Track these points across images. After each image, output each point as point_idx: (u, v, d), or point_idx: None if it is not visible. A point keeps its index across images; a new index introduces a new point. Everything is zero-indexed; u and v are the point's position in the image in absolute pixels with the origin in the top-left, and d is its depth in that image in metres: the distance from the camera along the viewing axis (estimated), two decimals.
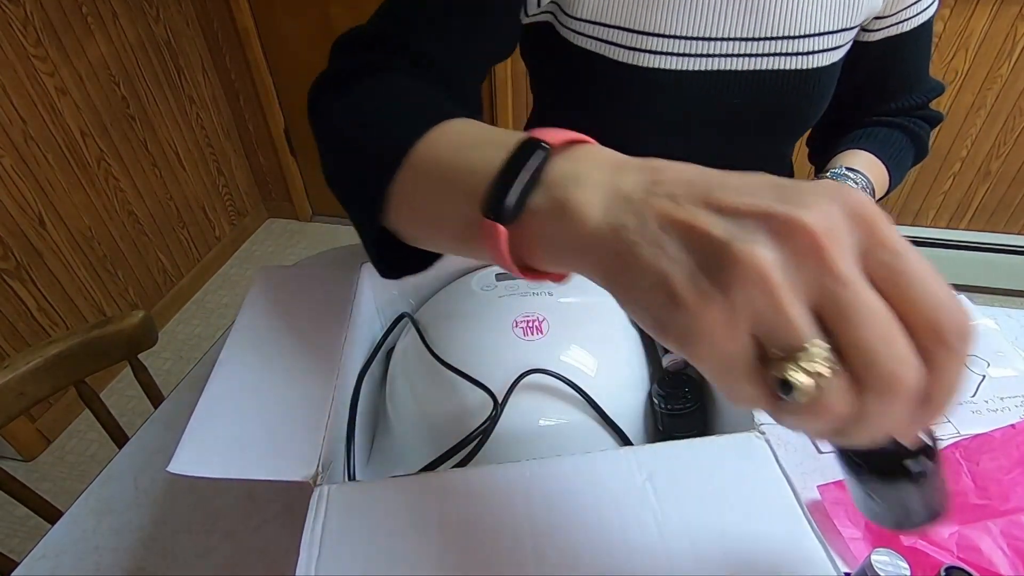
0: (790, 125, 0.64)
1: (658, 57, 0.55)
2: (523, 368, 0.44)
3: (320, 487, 0.34)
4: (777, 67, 0.57)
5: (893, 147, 0.66)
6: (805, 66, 0.58)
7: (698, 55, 0.56)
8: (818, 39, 0.57)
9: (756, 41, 0.56)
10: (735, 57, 0.56)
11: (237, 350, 0.44)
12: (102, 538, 0.49)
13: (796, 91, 0.59)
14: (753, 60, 0.57)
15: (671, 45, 0.55)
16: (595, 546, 0.31)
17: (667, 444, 0.36)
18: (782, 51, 0.57)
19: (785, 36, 0.56)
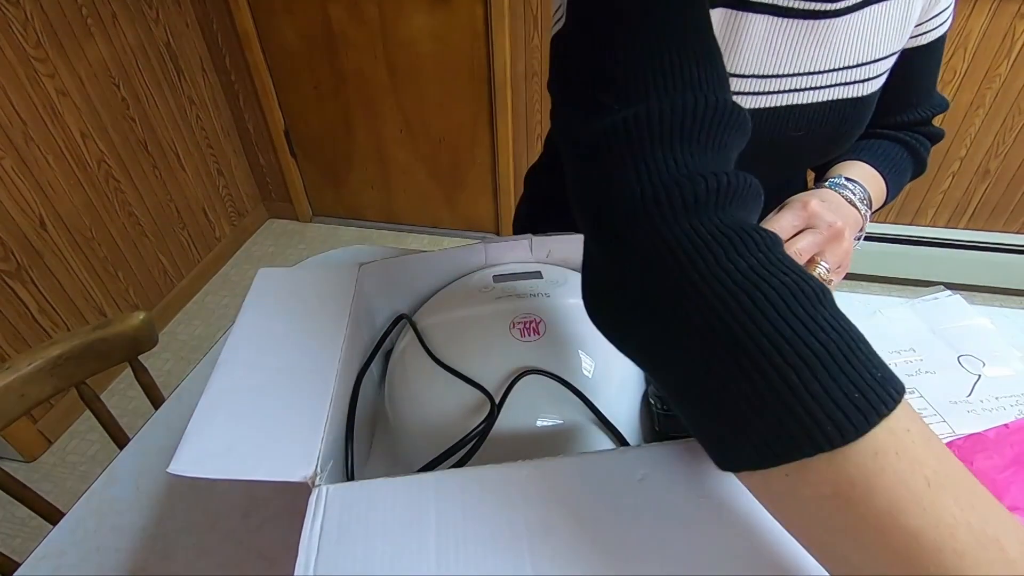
0: (838, 149, 0.64)
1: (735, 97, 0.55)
2: (520, 369, 0.45)
3: (319, 487, 0.35)
4: (838, 97, 0.58)
5: (893, 161, 0.67)
6: (862, 93, 0.58)
7: (768, 92, 0.56)
8: (874, 65, 0.57)
9: (821, 74, 0.56)
10: (801, 91, 0.56)
11: (237, 351, 0.44)
12: (103, 538, 0.49)
13: (851, 118, 0.59)
14: (817, 93, 0.57)
15: (746, 85, 0.55)
16: (591, 546, 0.31)
17: (663, 444, 0.36)
18: (844, 81, 0.57)
19: (847, 66, 0.56)
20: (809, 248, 0.53)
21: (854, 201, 0.59)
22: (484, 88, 1.97)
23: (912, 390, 0.58)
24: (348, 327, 0.47)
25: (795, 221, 0.54)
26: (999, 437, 0.44)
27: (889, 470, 0.24)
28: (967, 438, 0.44)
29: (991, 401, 0.56)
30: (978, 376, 0.59)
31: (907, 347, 0.62)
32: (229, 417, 0.39)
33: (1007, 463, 0.43)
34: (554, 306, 0.49)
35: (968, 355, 0.61)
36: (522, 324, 0.48)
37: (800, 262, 0.54)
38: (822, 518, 0.26)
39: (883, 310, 0.66)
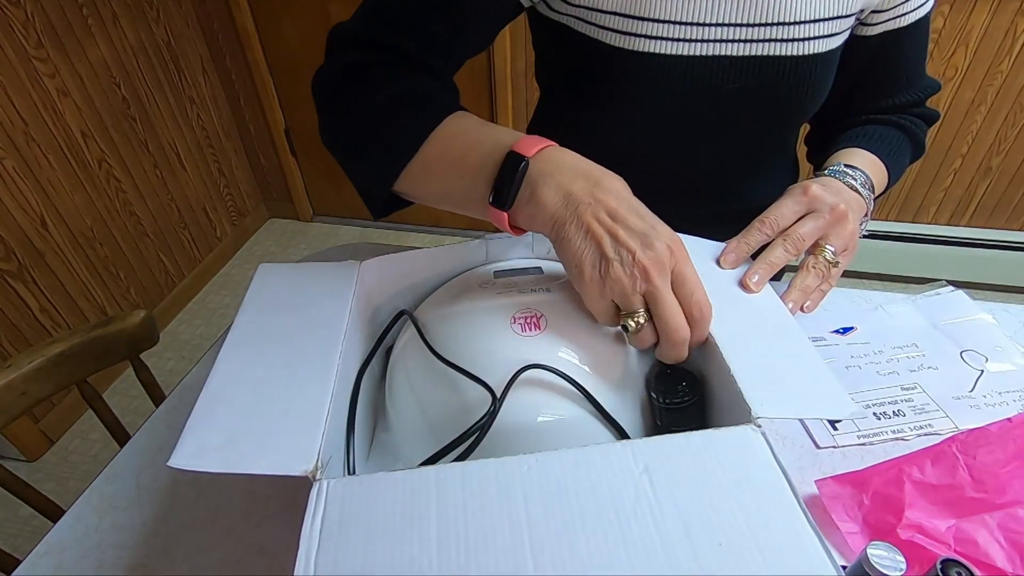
0: (786, 113, 0.64)
1: (651, 42, 0.56)
2: (521, 364, 0.44)
3: (319, 481, 0.35)
4: (771, 53, 0.57)
5: (891, 145, 0.67)
6: (800, 52, 0.58)
7: (692, 40, 0.56)
8: (813, 26, 0.57)
9: (751, 27, 0.56)
10: (729, 43, 0.57)
11: (237, 346, 0.44)
12: (104, 535, 0.49)
13: (791, 78, 0.59)
14: (747, 45, 0.57)
15: (664, 30, 0.55)
16: (592, 537, 0.31)
17: (664, 437, 0.36)
18: (777, 37, 0.57)
19: (780, 22, 0.56)
20: (812, 232, 0.53)
21: (856, 186, 0.59)
22: (484, 86, 1.96)
23: (914, 385, 0.57)
24: (349, 323, 0.47)
25: (796, 207, 0.55)
26: (1002, 431, 0.44)
27: None
28: (969, 432, 0.44)
29: (994, 396, 0.56)
30: (981, 371, 0.59)
31: (910, 343, 0.62)
32: (229, 411, 0.39)
33: (1009, 457, 0.43)
34: (555, 301, 0.49)
35: (971, 351, 0.61)
36: (523, 319, 0.47)
37: (805, 247, 0.54)
38: None
39: (885, 306, 0.66)
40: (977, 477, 0.43)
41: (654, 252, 0.40)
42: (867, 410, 0.55)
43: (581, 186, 0.42)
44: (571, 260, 0.42)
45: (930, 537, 0.42)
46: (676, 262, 0.41)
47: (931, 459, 0.44)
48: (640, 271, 0.40)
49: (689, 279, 0.41)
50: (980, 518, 0.43)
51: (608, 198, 0.41)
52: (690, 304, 0.41)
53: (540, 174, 0.43)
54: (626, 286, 0.40)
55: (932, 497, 0.44)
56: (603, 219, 0.41)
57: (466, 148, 0.47)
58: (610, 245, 0.40)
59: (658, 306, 0.41)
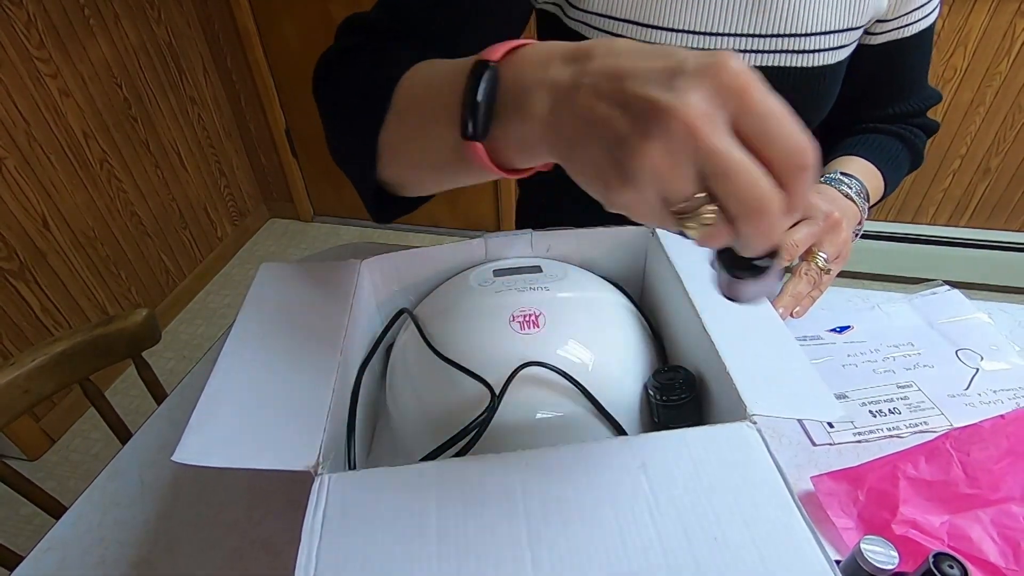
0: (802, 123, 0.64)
1: None
2: (520, 361, 0.45)
3: (321, 476, 0.35)
4: (782, 64, 0.58)
5: (889, 155, 0.67)
6: (810, 64, 0.58)
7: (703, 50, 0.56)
8: (823, 38, 0.57)
9: (761, 38, 0.57)
10: (740, 53, 0.57)
11: (239, 344, 0.45)
12: (107, 531, 0.50)
13: (800, 89, 0.60)
14: (758, 56, 0.57)
15: (676, 39, 0.56)
16: (589, 532, 0.32)
17: (661, 434, 0.37)
18: (787, 48, 0.57)
19: (790, 34, 0.56)
20: (806, 239, 0.54)
21: (851, 195, 0.60)
22: None
23: (910, 383, 0.58)
24: (349, 321, 0.47)
25: None
26: (995, 428, 0.44)
27: None
28: (963, 429, 0.45)
29: (989, 395, 0.57)
30: (976, 370, 0.59)
31: (905, 341, 0.63)
32: (232, 408, 0.39)
33: (1003, 454, 0.44)
34: (554, 299, 0.50)
35: (966, 349, 0.61)
36: (522, 317, 0.48)
37: (798, 253, 0.54)
38: None
39: (882, 305, 0.67)
40: (971, 473, 0.44)
41: (687, 91, 0.24)
42: (863, 408, 0.56)
43: (566, 69, 0.28)
44: (586, 174, 0.28)
45: (924, 532, 0.43)
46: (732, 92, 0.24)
47: (925, 456, 0.45)
48: (681, 131, 0.24)
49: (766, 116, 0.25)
50: (974, 514, 0.43)
51: (604, 60, 0.27)
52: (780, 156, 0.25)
53: (517, 79, 0.30)
54: (664, 169, 0.24)
55: (926, 493, 0.44)
56: (605, 89, 0.26)
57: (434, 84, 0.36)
58: (627, 119, 0.25)
59: (724, 180, 0.24)
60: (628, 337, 0.51)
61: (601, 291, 0.54)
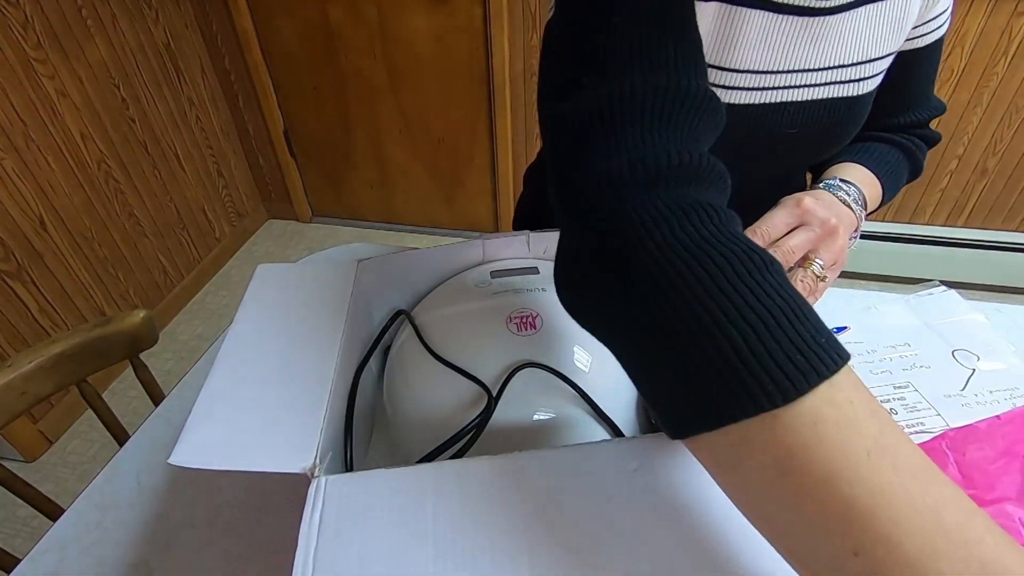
0: (831, 146, 0.65)
1: (730, 92, 0.56)
2: (517, 362, 0.45)
3: (318, 478, 0.35)
4: (832, 95, 0.58)
5: (889, 164, 0.67)
6: (857, 92, 0.59)
7: (764, 88, 0.56)
8: (870, 65, 0.58)
9: (817, 71, 0.57)
10: (797, 88, 0.57)
11: (237, 345, 0.45)
12: (105, 532, 0.50)
13: (845, 116, 0.60)
14: (812, 90, 0.58)
15: (743, 80, 0.55)
16: (586, 534, 0.32)
17: (657, 435, 0.37)
18: (838, 79, 0.58)
19: (842, 64, 0.57)
20: (802, 245, 0.54)
21: (848, 202, 0.59)
22: (483, 88, 1.97)
23: (906, 384, 0.58)
24: (346, 323, 0.47)
25: (788, 219, 0.54)
26: (991, 428, 0.44)
27: (828, 439, 0.24)
28: (959, 429, 0.45)
29: (985, 395, 0.57)
30: (972, 370, 0.59)
31: (902, 342, 0.63)
32: (229, 410, 0.39)
33: (998, 454, 0.44)
34: (550, 301, 0.50)
35: (962, 350, 0.61)
36: (519, 319, 0.48)
37: (794, 259, 0.54)
38: (764, 488, 0.26)
39: (878, 305, 0.67)
40: (966, 474, 0.44)
41: None
42: None
43: None
44: None
45: None
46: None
47: None
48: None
49: None
50: None
51: None
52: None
53: None
54: None
55: None
56: None
57: None
58: None
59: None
60: None
61: None
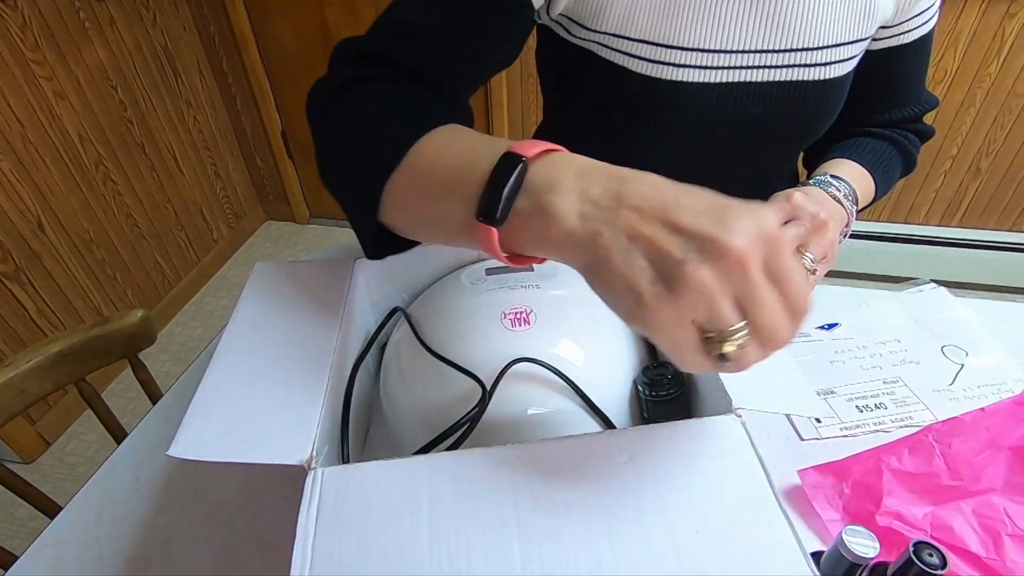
0: (804, 134, 0.65)
1: (680, 70, 0.56)
2: (511, 358, 0.46)
3: (315, 470, 0.36)
4: (795, 78, 0.59)
5: (881, 158, 0.67)
6: (822, 77, 0.59)
7: (719, 67, 0.57)
8: (835, 50, 0.58)
9: (775, 53, 0.57)
10: (755, 69, 0.58)
11: (235, 341, 0.45)
12: (104, 528, 0.50)
13: (812, 101, 0.60)
14: (772, 72, 0.58)
15: (693, 58, 0.56)
16: (576, 522, 0.32)
17: (648, 427, 0.37)
18: (800, 63, 0.58)
19: (803, 48, 0.57)
20: (792, 240, 0.53)
21: (839, 197, 0.60)
22: (480, 91, 1.98)
23: (896, 379, 0.59)
24: (343, 319, 0.48)
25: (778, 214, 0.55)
26: (975, 421, 0.45)
27: None
28: (945, 422, 0.46)
29: (973, 390, 0.58)
30: (961, 366, 0.60)
31: (892, 338, 0.64)
32: (227, 403, 0.40)
33: (983, 446, 0.45)
34: (544, 297, 0.51)
35: (951, 345, 0.62)
36: (513, 315, 0.49)
37: None
38: None
39: (869, 302, 0.68)
40: (952, 465, 0.45)
41: (743, 232, 0.27)
42: (850, 403, 0.57)
43: (605, 186, 0.30)
44: (616, 284, 0.29)
45: (908, 524, 0.44)
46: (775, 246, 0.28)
47: (908, 448, 0.46)
48: (732, 263, 0.27)
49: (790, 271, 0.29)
50: (956, 505, 0.44)
51: (646, 189, 0.30)
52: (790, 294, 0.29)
53: (547, 180, 0.32)
54: (713, 292, 0.27)
55: (910, 485, 0.45)
56: (650, 214, 0.29)
57: (455, 158, 0.37)
58: (674, 243, 0.28)
59: (758, 309, 0.28)
60: (618, 335, 0.51)
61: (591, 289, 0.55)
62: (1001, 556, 0.42)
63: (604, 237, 0.29)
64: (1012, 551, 0.42)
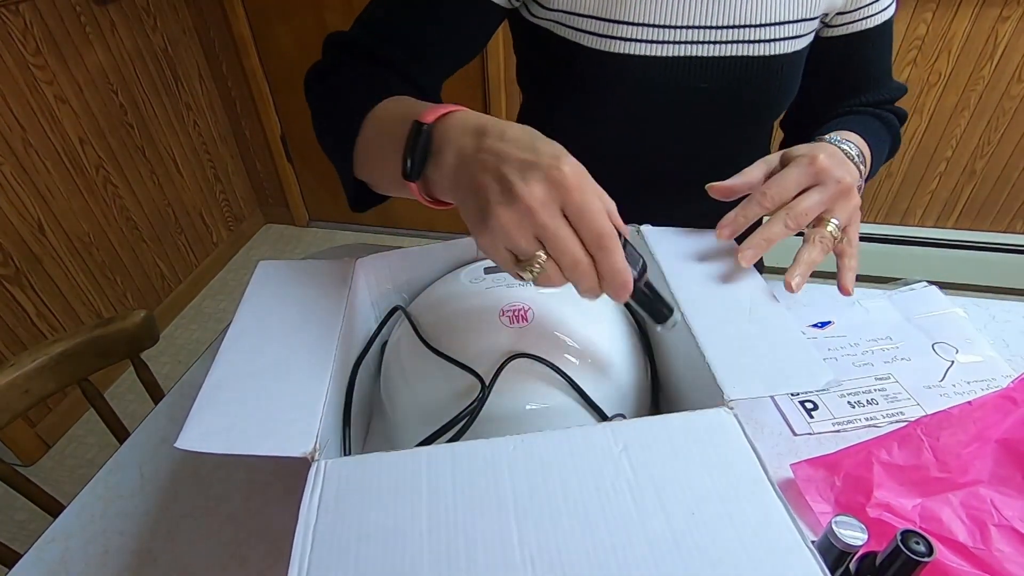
0: (755, 111, 0.67)
1: (627, 44, 0.60)
2: (509, 353, 0.47)
3: (318, 461, 0.37)
4: (739, 53, 0.61)
5: (872, 129, 0.66)
6: (766, 53, 0.61)
7: (664, 42, 0.60)
8: (779, 28, 0.61)
9: (719, 29, 0.60)
10: (699, 44, 0.60)
11: (239, 338, 0.46)
12: (109, 522, 0.51)
13: (759, 77, 0.63)
14: (717, 47, 0.61)
15: (639, 32, 0.59)
16: (573, 509, 0.33)
17: (642, 419, 0.38)
18: (744, 39, 0.61)
19: (746, 24, 0.60)
20: (815, 207, 0.51)
21: (852, 156, 0.57)
22: (479, 93, 1.99)
23: (887, 375, 0.60)
24: (345, 317, 0.49)
25: (800, 178, 0.51)
26: (963, 414, 0.46)
27: None
28: (933, 415, 0.47)
29: (963, 385, 0.59)
30: (951, 362, 0.61)
31: (884, 335, 0.65)
32: (232, 398, 0.41)
33: (970, 439, 0.46)
34: (541, 295, 0.52)
35: (942, 343, 0.63)
36: (511, 312, 0.50)
37: (807, 221, 0.51)
38: None
39: (861, 301, 0.69)
40: (941, 458, 0.46)
41: (533, 185, 0.35)
42: (842, 399, 0.58)
43: (470, 140, 0.38)
44: (468, 218, 0.38)
45: (897, 515, 0.45)
46: (566, 190, 0.35)
47: (898, 442, 0.47)
48: (524, 209, 0.35)
49: (582, 208, 0.36)
50: (944, 497, 0.45)
51: (495, 142, 0.37)
52: (588, 236, 0.36)
53: (440, 139, 0.40)
54: (511, 232, 0.36)
55: (899, 477, 0.46)
56: (489, 165, 0.37)
57: (390, 125, 0.46)
58: (495, 190, 0.36)
59: (550, 245, 0.36)
60: (613, 330, 0.52)
61: None
62: (988, 546, 0.43)
63: (463, 182, 0.38)
64: (999, 541, 0.43)
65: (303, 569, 0.32)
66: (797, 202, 0.50)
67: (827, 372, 0.41)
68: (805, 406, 0.57)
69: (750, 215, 0.51)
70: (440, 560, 0.31)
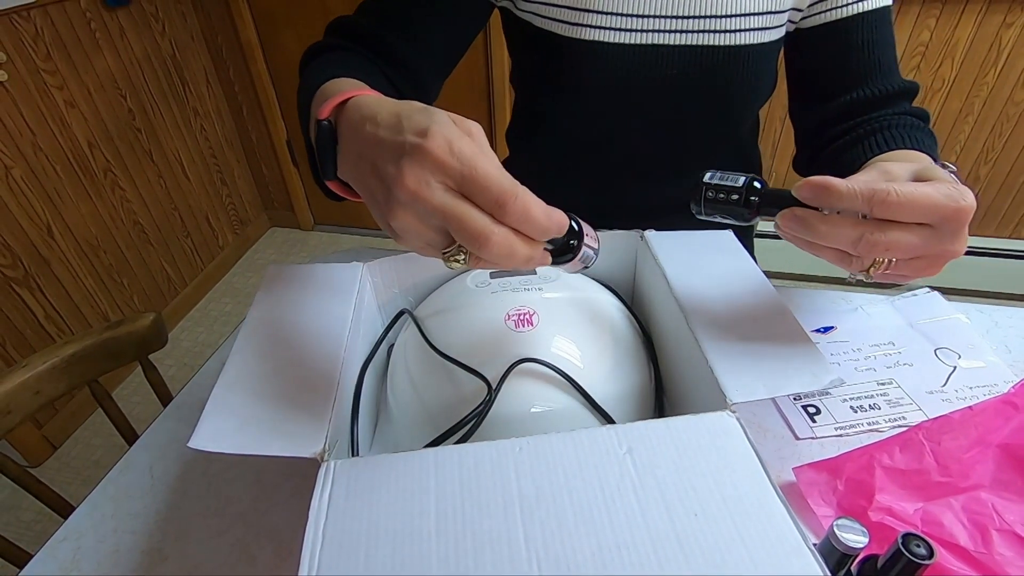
0: (727, 101, 0.69)
1: (597, 31, 0.63)
2: (515, 358, 0.47)
3: (327, 462, 0.37)
4: (705, 43, 0.64)
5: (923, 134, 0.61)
6: (734, 43, 0.64)
7: (634, 30, 0.63)
8: (745, 19, 0.63)
9: (685, 19, 0.63)
10: (668, 33, 0.63)
11: (249, 340, 0.47)
12: (120, 521, 0.52)
13: (727, 66, 0.65)
14: (685, 36, 0.63)
15: (608, 20, 0.63)
16: (578, 508, 0.34)
17: (646, 422, 0.39)
18: (711, 28, 0.63)
19: (712, 15, 0.62)
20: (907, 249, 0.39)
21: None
22: (483, 98, 2.00)
23: (890, 380, 0.60)
24: (353, 320, 0.50)
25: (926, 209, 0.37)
26: (964, 419, 0.46)
27: None
28: (935, 420, 0.47)
29: (965, 391, 0.59)
30: (953, 368, 0.62)
31: (887, 341, 0.65)
32: (243, 399, 0.42)
33: (972, 443, 0.46)
34: (547, 299, 0.52)
35: (944, 348, 0.64)
36: (517, 316, 0.50)
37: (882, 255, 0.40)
38: None
39: (864, 306, 0.69)
40: (942, 462, 0.46)
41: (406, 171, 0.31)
42: (844, 404, 0.58)
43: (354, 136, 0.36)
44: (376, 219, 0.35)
45: (899, 519, 0.45)
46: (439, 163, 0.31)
47: (899, 446, 0.47)
48: (408, 201, 0.31)
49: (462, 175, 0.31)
50: (946, 501, 0.46)
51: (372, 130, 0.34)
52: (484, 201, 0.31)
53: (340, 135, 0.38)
54: (411, 230, 0.32)
55: (901, 481, 0.47)
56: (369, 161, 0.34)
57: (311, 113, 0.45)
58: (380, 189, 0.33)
59: (452, 229, 0.31)
60: (618, 335, 0.53)
61: (593, 291, 0.57)
62: (989, 550, 0.43)
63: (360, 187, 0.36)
64: (1000, 545, 0.44)
65: (313, 568, 0.32)
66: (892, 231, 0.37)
67: (830, 371, 0.41)
68: (808, 410, 0.58)
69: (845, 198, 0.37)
70: (447, 559, 0.32)
